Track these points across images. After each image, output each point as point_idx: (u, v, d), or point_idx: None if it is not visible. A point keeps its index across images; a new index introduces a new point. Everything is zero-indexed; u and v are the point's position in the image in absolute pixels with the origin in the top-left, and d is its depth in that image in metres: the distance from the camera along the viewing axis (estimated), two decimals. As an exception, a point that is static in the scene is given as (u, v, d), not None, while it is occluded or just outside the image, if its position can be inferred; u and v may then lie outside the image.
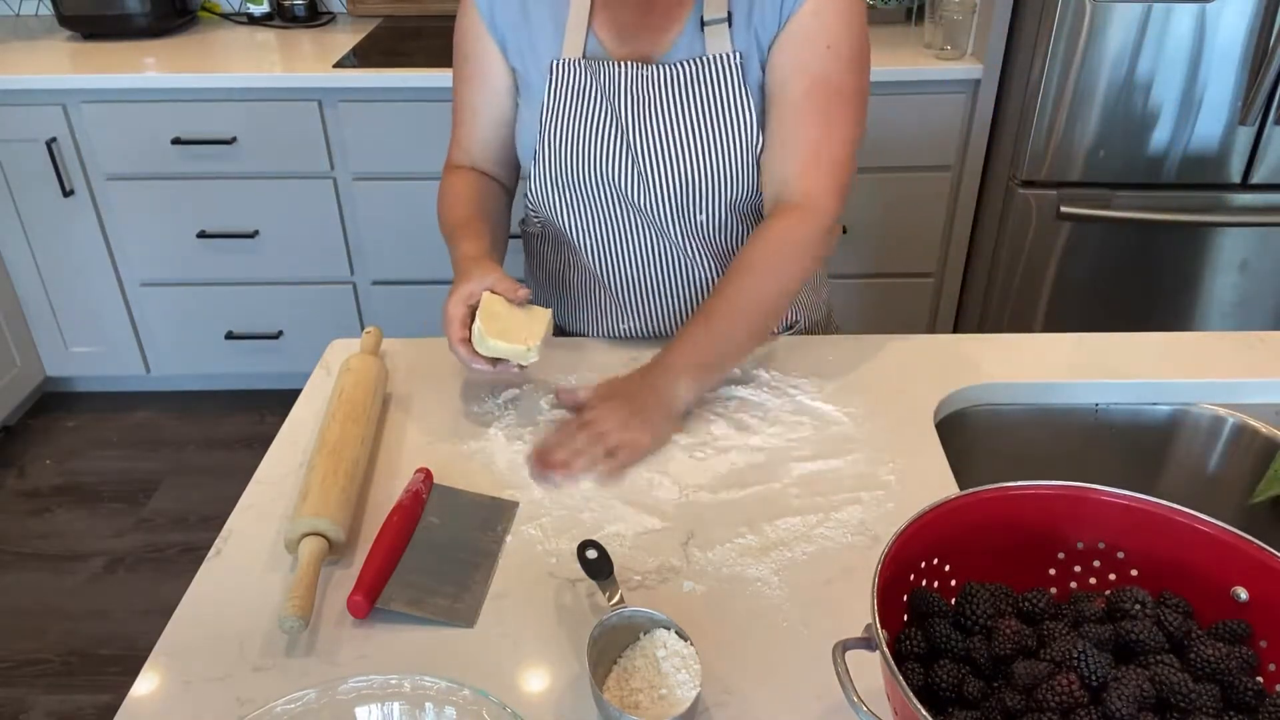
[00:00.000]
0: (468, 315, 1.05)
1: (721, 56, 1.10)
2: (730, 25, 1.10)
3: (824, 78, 1.08)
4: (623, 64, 1.11)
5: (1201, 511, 0.70)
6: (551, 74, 1.12)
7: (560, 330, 1.29)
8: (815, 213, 1.10)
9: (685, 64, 1.11)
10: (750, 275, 1.09)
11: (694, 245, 1.18)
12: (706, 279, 1.20)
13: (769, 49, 1.10)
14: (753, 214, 1.17)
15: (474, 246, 1.12)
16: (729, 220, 1.17)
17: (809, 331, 1.31)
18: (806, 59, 1.08)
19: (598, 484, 0.98)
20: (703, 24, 1.10)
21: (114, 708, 0.76)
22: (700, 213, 1.15)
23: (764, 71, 1.11)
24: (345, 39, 2.58)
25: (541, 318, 1.06)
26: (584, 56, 1.12)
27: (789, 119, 1.10)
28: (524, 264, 1.35)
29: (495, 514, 0.94)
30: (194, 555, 2.19)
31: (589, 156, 1.13)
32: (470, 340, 1.04)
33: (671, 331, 1.23)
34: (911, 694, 0.57)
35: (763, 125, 1.12)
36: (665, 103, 1.11)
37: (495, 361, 1.05)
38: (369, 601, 0.82)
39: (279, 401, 1.30)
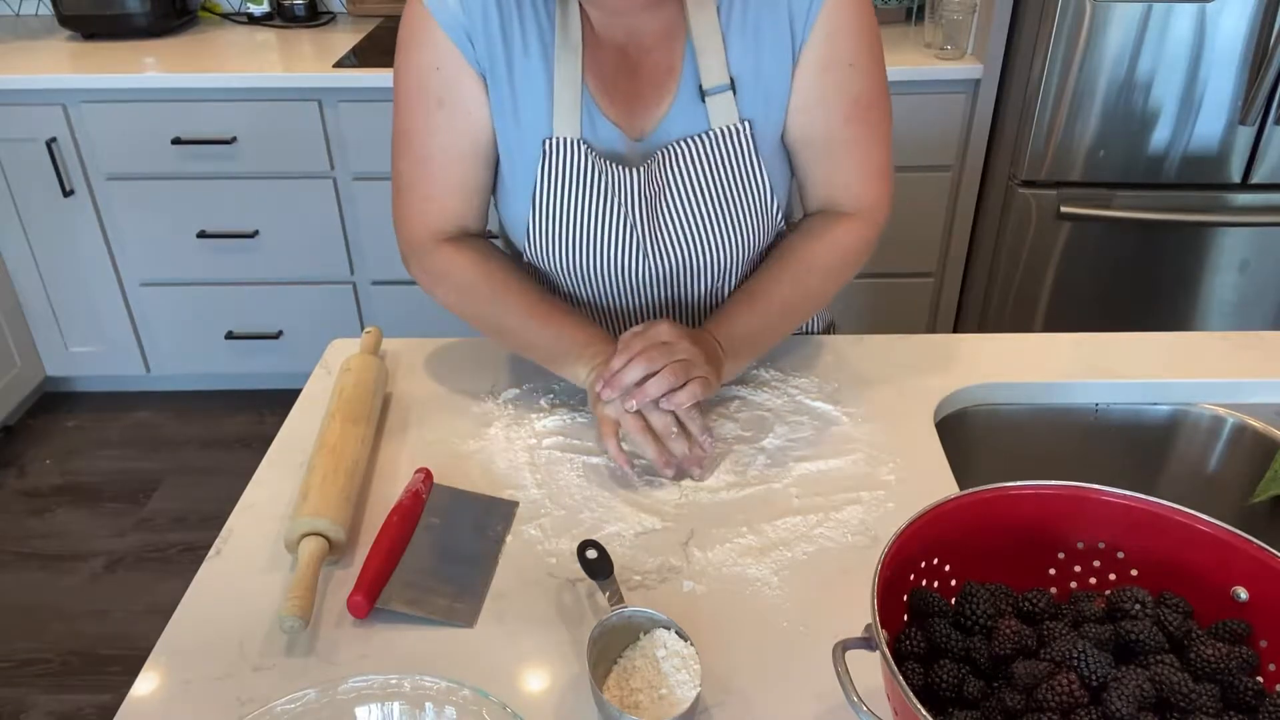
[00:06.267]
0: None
1: (729, 129, 1.03)
2: (735, 91, 1.02)
3: (855, 97, 1.04)
4: (622, 163, 1.03)
5: (1201, 511, 0.70)
6: (546, 154, 1.02)
7: None
8: (871, 223, 1.11)
9: (688, 142, 1.03)
10: (811, 276, 1.08)
11: (699, 295, 1.14)
12: (708, 312, 1.15)
13: (788, 98, 1.04)
14: (762, 255, 1.13)
15: (583, 330, 1.04)
16: (742, 270, 1.13)
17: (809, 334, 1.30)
18: (834, 88, 1.03)
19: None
20: (702, 94, 1.02)
21: (114, 708, 0.76)
22: (712, 278, 1.11)
23: (784, 126, 1.06)
24: (345, 39, 2.58)
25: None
26: (580, 136, 1.02)
27: (834, 146, 1.07)
28: None
29: (495, 514, 0.94)
30: (194, 555, 2.20)
31: (591, 247, 1.06)
32: (619, 439, 0.97)
33: None
34: (911, 694, 0.57)
35: (792, 170, 1.10)
36: (674, 188, 1.04)
37: (633, 461, 0.98)
38: (369, 601, 0.82)
39: (279, 401, 1.30)
